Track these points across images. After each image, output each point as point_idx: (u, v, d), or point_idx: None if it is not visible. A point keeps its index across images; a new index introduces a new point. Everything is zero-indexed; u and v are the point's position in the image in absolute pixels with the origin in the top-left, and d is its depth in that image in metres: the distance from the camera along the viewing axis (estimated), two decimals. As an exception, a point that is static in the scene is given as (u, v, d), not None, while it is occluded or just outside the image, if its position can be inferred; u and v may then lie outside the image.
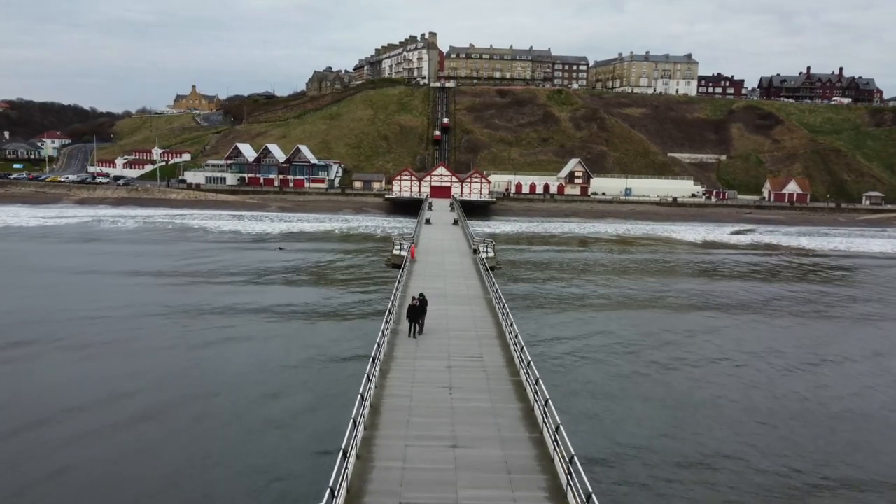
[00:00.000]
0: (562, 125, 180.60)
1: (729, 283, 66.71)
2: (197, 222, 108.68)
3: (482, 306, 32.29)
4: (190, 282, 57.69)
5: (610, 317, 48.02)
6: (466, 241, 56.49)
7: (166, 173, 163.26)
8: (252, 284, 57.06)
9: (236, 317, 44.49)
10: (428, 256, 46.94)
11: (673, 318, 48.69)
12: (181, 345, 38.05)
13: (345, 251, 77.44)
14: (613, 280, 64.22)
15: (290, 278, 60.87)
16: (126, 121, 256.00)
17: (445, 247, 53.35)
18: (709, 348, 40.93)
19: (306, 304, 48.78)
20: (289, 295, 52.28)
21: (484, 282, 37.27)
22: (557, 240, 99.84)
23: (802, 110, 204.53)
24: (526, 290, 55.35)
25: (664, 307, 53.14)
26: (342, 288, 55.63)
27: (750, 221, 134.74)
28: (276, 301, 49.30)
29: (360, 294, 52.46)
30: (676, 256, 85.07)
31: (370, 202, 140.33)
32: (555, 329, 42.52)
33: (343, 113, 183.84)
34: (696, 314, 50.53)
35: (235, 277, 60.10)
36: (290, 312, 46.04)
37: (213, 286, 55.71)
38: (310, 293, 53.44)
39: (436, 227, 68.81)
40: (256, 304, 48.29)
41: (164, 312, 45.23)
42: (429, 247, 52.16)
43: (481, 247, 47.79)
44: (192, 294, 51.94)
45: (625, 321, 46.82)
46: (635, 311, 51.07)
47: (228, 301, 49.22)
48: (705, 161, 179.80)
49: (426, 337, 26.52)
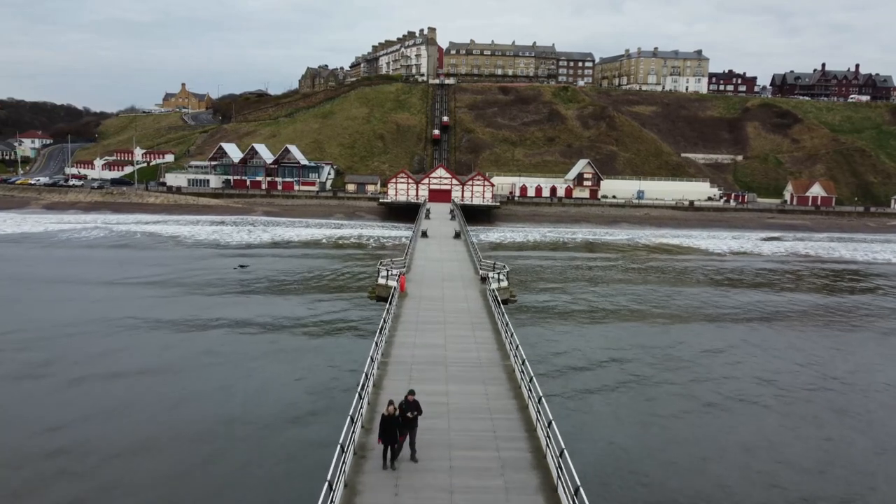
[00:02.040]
0: (568, 124, 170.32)
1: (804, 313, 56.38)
2: (171, 230, 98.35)
3: (502, 386, 21.40)
4: (98, 320, 44.15)
5: (717, 412, 30.55)
6: (471, 262, 46.04)
7: (147, 175, 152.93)
8: (151, 332, 41.32)
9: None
10: (422, 287, 36.66)
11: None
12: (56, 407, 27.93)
13: (323, 271, 65.56)
14: (671, 324, 47.18)
15: (232, 318, 45.16)
16: (112, 120, 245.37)
17: (445, 271, 42.84)
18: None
19: (223, 386, 31.78)
20: (208, 356, 36.63)
21: (499, 332, 26.99)
22: (572, 252, 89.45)
23: (820, 108, 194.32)
24: (554, 337, 41.15)
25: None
26: (299, 339, 40.24)
27: (773, 227, 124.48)
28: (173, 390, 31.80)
29: (318, 361, 35.46)
30: (726, 279, 74.76)
31: (364, 206, 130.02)
32: (627, 432, 27.60)
33: (336, 111, 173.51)
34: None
35: (135, 324, 43.57)
36: (208, 394, 30.89)
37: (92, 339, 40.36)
38: (243, 348, 38.06)
39: (434, 242, 58.29)
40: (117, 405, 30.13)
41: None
42: (425, 272, 41.88)
43: (491, 274, 37.43)
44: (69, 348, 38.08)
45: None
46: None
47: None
48: (720, 162, 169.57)
49: (414, 470, 15.54)
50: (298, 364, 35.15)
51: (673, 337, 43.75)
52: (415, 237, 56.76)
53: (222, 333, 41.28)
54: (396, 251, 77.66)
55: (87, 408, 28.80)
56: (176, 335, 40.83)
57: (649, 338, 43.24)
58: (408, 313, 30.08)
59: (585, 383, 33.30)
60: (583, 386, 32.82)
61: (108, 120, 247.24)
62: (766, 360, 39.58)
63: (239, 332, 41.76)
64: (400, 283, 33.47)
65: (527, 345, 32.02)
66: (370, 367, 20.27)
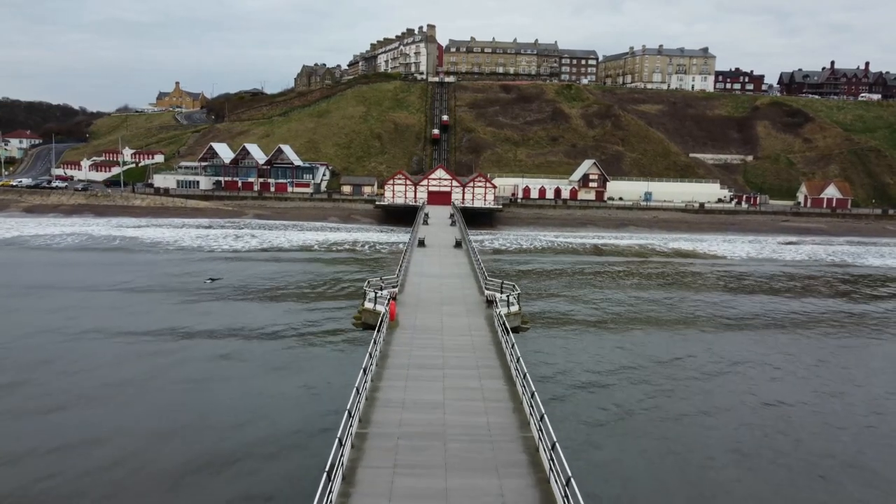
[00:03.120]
0: (572, 123, 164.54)
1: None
2: (155, 235, 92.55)
3: (523, 479, 15.12)
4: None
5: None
6: (475, 279, 40.03)
7: (135, 176, 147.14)
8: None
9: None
10: (417, 312, 30.61)
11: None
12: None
13: (308, 284, 59.07)
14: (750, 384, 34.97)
15: (167, 350, 37.72)
16: (104, 120, 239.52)
17: (445, 290, 36.51)
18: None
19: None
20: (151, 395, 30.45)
21: (514, 382, 21.11)
22: (582, 258, 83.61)
23: (830, 107, 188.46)
24: (580, 381, 32.84)
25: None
26: (265, 378, 32.62)
27: (789, 231, 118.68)
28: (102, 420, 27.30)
29: (266, 429, 26.74)
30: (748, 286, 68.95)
31: (360, 209, 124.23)
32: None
33: (332, 110, 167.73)
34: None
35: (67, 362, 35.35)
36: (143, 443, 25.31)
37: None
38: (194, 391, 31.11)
39: (432, 253, 51.81)
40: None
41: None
42: (420, 291, 35.75)
43: (499, 296, 31.63)
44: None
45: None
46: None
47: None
48: (730, 162, 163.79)
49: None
50: (239, 438, 25.85)
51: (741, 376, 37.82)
52: (410, 246, 50.72)
53: (155, 364, 35.23)
54: (391, 260, 71.94)
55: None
56: (102, 360, 35.20)
57: (709, 382, 34.76)
58: (398, 352, 24.22)
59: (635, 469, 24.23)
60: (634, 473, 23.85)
61: (100, 120, 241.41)
62: (830, 380, 33.86)
63: (172, 368, 34.29)
64: (390, 310, 27.66)
65: (551, 396, 26.29)
66: (339, 450, 14.48)
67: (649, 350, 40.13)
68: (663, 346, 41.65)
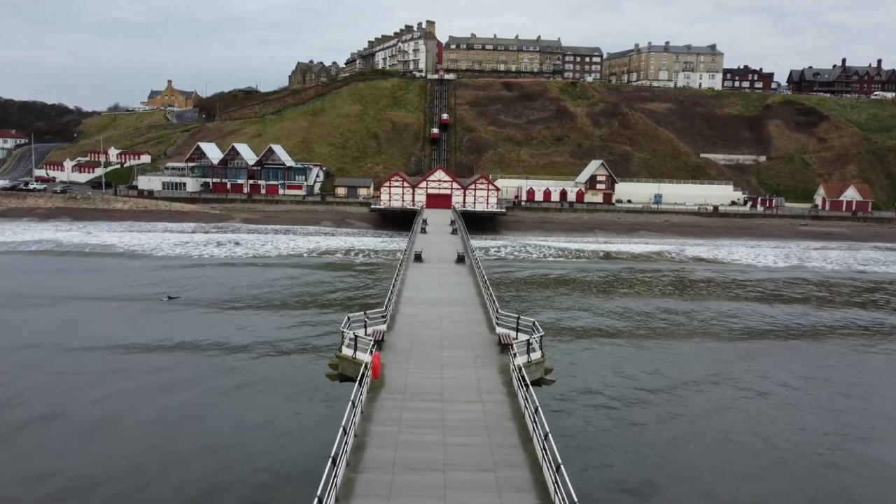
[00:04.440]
0: (578, 122, 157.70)
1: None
2: (130, 242, 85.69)
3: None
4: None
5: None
6: (481, 307, 32.47)
7: (120, 177, 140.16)
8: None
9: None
10: (410, 362, 23.46)
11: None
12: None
13: (285, 305, 51.51)
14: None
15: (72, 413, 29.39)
16: (94, 119, 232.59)
17: (446, 323, 29.28)
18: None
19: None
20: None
21: (549, 496, 14.19)
22: (596, 266, 76.73)
23: (843, 106, 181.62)
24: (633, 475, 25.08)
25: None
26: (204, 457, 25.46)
27: (810, 236, 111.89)
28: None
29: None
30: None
31: (355, 212, 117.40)
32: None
33: (327, 108, 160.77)
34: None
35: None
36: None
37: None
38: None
39: (430, 270, 43.76)
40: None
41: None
42: (415, 325, 28.64)
43: (513, 335, 24.82)
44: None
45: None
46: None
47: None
48: (742, 163, 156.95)
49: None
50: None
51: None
52: (405, 262, 43.60)
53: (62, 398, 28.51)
54: (386, 272, 65.12)
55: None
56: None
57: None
58: (379, 437, 16.97)
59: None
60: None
61: (90, 119, 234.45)
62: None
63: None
64: (373, 364, 20.83)
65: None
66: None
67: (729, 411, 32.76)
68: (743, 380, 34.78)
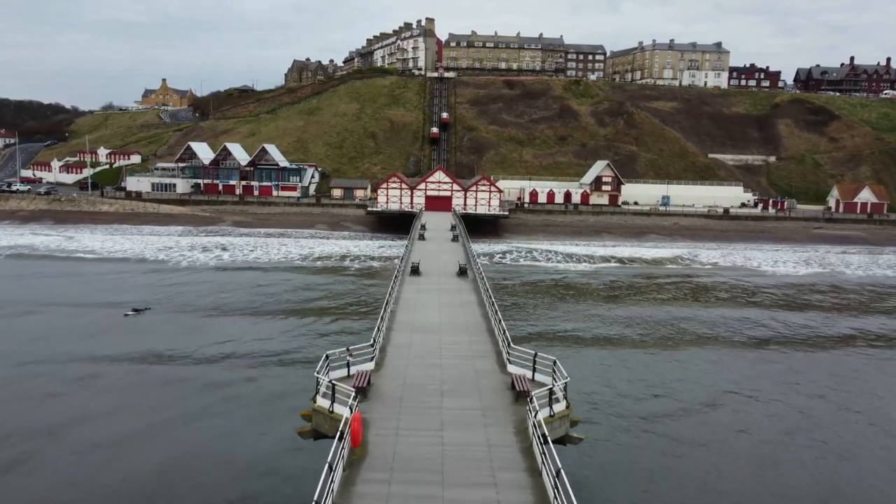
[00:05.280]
0: (582, 121, 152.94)
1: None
2: (112, 247, 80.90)
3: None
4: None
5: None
6: (488, 335, 27.38)
7: (109, 178, 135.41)
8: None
9: None
10: (401, 416, 18.57)
11: None
12: None
13: (269, 323, 46.42)
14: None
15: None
16: (86, 118, 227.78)
17: (446, 360, 23.95)
18: None
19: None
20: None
21: None
22: (610, 274, 71.98)
23: (853, 105, 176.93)
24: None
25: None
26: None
27: (826, 240, 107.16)
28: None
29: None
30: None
31: (351, 215, 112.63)
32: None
33: (323, 107, 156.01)
34: None
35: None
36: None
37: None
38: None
39: (428, 286, 38.04)
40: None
41: None
42: (409, 363, 23.53)
43: (527, 376, 20.04)
44: None
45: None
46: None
47: None
48: (751, 163, 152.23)
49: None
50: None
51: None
52: (400, 277, 38.40)
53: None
54: (382, 281, 60.35)
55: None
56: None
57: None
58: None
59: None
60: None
61: (82, 118, 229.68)
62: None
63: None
64: (352, 429, 15.98)
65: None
66: None
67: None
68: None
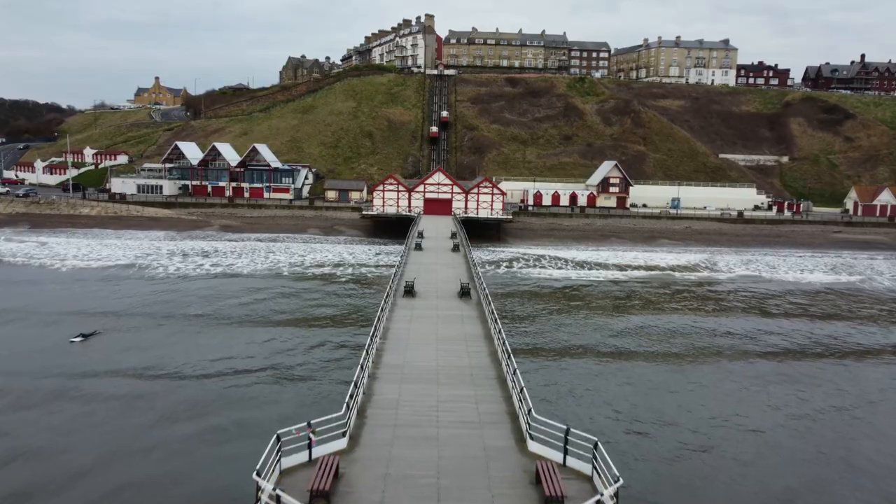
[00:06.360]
0: (587, 120, 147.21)
1: None
2: (82, 252, 75.10)
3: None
4: None
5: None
6: (499, 390, 21.44)
7: (93, 180, 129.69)
8: None
9: None
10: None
11: None
12: None
13: (235, 352, 40.38)
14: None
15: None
16: (76, 117, 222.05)
17: (447, 429, 17.78)
18: None
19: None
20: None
21: None
22: (627, 286, 66.13)
23: (866, 103, 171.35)
24: None
25: None
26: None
27: (847, 245, 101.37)
28: None
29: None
30: None
31: (345, 218, 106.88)
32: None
33: (319, 105, 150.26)
34: None
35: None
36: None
37: None
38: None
39: (424, 311, 31.87)
40: None
41: None
42: (397, 432, 17.57)
43: (558, 460, 14.26)
44: None
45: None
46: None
47: None
48: (763, 164, 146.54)
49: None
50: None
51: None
52: (391, 299, 32.71)
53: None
54: (376, 296, 54.53)
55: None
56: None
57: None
58: None
59: None
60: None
61: (72, 117, 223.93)
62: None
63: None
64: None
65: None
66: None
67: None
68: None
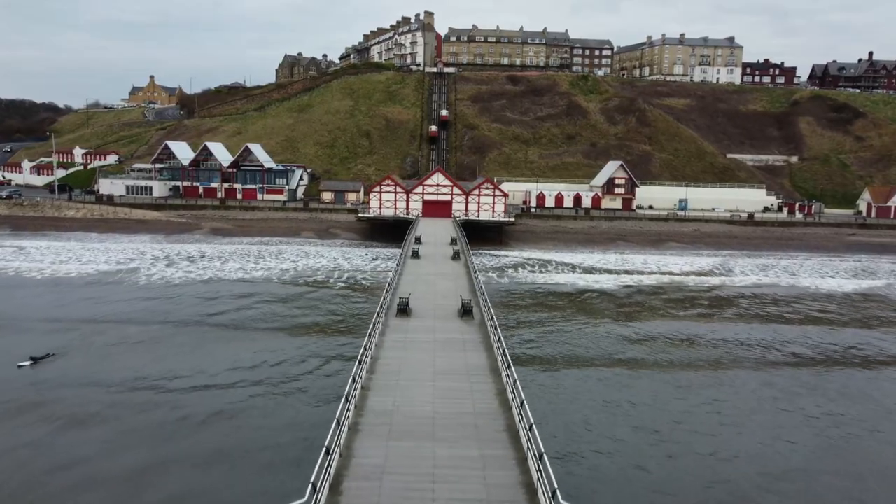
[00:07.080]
0: (591, 118, 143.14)
1: None
2: (60, 257, 71.12)
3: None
4: None
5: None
6: (511, 447, 17.05)
7: (82, 180, 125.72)
8: None
9: None
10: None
11: None
12: None
13: (213, 376, 35.91)
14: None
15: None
16: (69, 117, 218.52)
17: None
18: None
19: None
20: None
21: None
22: (641, 295, 62.10)
23: (875, 102, 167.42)
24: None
25: None
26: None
27: (863, 248, 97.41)
28: None
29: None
30: None
31: (341, 221, 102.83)
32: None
33: (315, 104, 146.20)
34: None
35: None
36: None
37: None
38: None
39: (420, 334, 27.89)
40: None
41: None
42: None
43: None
44: None
45: None
46: None
47: None
48: (772, 164, 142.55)
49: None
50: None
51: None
52: (383, 319, 28.53)
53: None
54: (371, 306, 50.56)
55: None
56: None
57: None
58: None
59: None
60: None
61: (65, 117, 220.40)
62: None
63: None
64: None
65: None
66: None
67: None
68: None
